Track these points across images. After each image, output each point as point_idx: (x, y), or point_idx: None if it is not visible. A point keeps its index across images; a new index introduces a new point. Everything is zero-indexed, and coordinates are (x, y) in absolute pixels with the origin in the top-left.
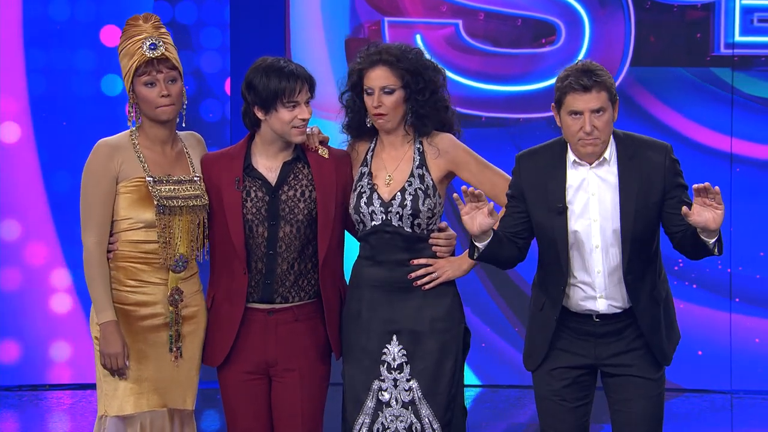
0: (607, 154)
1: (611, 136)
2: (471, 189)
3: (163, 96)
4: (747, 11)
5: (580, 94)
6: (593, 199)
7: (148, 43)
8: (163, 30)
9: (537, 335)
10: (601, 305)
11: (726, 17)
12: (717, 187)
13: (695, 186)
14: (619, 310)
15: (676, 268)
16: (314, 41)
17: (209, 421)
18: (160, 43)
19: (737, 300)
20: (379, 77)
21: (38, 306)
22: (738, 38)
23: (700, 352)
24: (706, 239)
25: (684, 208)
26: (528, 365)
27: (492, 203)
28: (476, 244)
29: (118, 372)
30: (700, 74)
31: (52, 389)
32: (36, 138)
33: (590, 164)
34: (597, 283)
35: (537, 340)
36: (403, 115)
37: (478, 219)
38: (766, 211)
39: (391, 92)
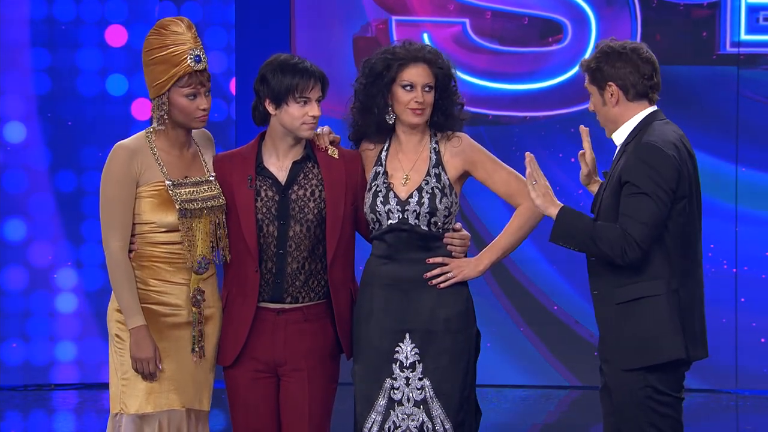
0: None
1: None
2: None
3: (203, 109)
4: (752, 10)
5: None
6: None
7: (193, 55)
8: (198, 38)
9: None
10: None
11: (732, 16)
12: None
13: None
14: None
15: None
16: (319, 41)
17: (214, 422)
18: (204, 56)
19: (743, 300)
20: (422, 74)
21: (43, 306)
22: (744, 37)
23: None
24: None
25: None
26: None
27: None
28: None
29: (150, 376)
30: (706, 73)
31: (58, 389)
32: (41, 138)
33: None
34: None
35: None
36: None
37: None
38: None
39: (430, 90)
